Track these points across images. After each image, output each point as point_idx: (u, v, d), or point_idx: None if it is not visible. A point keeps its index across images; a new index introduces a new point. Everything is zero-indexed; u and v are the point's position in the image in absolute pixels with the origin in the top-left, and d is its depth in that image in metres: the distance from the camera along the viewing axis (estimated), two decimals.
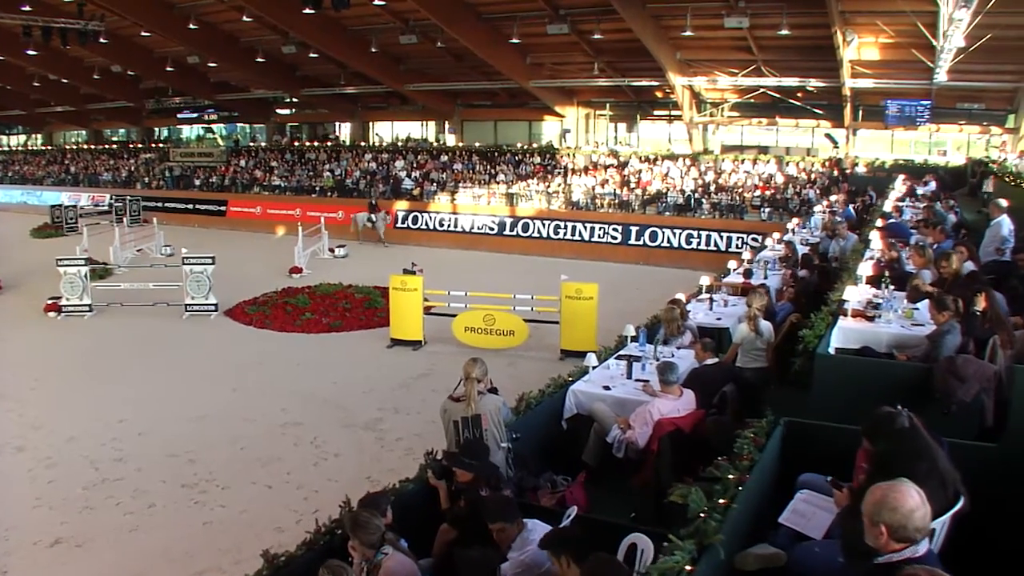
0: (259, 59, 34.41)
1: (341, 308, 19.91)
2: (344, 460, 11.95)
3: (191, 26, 31.21)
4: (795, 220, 20.65)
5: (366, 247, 30.46)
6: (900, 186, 21.78)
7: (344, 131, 43.44)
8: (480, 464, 5.90)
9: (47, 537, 9.73)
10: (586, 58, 30.65)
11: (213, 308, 20.55)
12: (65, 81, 43.24)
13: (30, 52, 36.35)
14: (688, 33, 25.57)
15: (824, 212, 21.44)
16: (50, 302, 21.22)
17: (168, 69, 37.53)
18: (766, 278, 13.26)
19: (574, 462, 7.32)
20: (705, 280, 12.32)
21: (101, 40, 32.41)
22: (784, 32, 24.29)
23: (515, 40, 28.77)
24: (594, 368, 8.48)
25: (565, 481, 6.67)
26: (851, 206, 21.09)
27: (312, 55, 33.46)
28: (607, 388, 8.04)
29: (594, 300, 16.03)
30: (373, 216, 31.41)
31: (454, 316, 17.42)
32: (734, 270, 14.08)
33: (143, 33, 33.84)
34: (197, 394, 14.92)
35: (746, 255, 15.21)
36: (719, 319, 10.97)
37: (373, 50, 31.44)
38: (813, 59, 26.60)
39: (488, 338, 17.03)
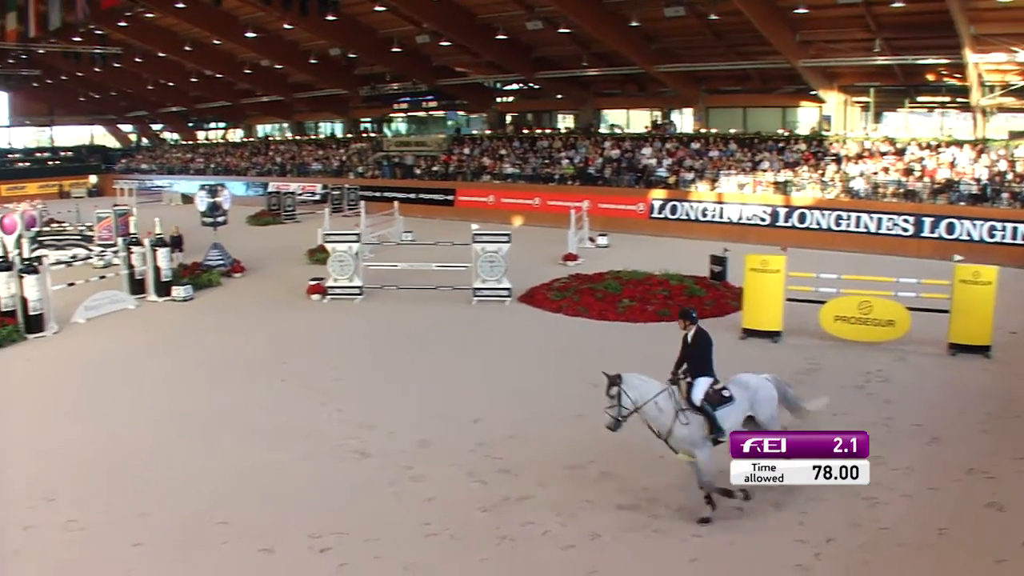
0: (499, 36, 32.19)
1: (661, 296, 16.79)
2: None
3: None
4: None
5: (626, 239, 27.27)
6: None
7: (562, 121, 40.85)
8: None
9: None
10: (865, 34, 27.24)
11: (507, 294, 17.88)
12: (279, 67, 42.52)
13: (248, 35, 35.48)
14: (1003, 0, 22.21)
15: None
16: (313, 283, 19.18)
17: (394, 50, 35.65)
18: None
19: None
20: None
21: (328, 17, 30.82)
22: None
23: (802, 10, 25.57)
24: None
25: None
26: None
27: (562, 30, 30.80)
28: None
29: (992, 285, 13.54)
30: None
31: (818, 303, 14.64)
32: None
33: (376, 8, 32.03)
34: (551, 388, 12.32)
35: None
36: None
37: (633, 24, 28.61)
38: None
39: (863, 329, 14.36)
